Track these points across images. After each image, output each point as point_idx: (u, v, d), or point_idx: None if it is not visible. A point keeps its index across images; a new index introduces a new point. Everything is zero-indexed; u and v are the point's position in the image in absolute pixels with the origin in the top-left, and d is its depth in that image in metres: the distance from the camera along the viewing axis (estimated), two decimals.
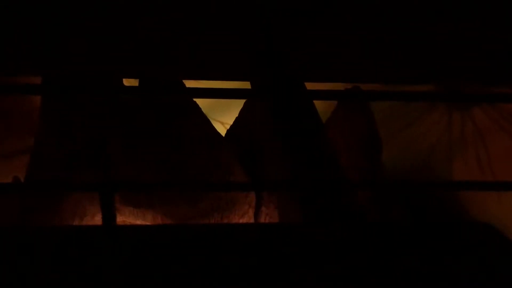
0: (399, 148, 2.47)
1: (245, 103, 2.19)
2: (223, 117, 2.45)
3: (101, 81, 1.96)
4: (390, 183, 2.21)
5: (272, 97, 1.87)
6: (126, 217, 1.98)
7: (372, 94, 2.16)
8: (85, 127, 2.03)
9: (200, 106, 2.14)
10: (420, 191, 2.27)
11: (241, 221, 2.03)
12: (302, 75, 1.98)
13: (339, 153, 2.12)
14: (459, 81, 2.21)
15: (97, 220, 1.96)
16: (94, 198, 1.91)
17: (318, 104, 2.15)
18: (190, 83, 2.09)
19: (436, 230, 1.83)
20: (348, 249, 1.47)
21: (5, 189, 1.87)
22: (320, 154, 1.91)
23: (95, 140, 2.02)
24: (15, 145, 2.41)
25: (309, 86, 2.08)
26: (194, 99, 2.11)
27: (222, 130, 2.31)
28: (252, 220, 2.06)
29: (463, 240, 1.79)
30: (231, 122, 2.32)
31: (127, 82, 2.23)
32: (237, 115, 2.24)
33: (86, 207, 1.93)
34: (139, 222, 1.96)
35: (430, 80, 2.23)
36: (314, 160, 1.88)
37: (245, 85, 2.14)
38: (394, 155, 2.43)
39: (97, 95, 1.99)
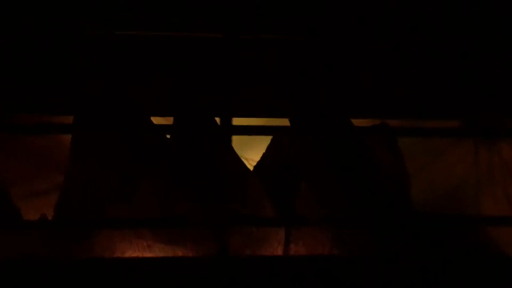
0: (427, 182, 2.47)
1: (272, 140, 2.20)
2: (246, 153, 2.46)
3: (133, 118, 2.00)
4: (418, 216, 2.20)
5: (320, 132, 1.91)
6: (156, 254, 1.99)
7: (400, 130, 2.17)
8: (117, 163, 2.09)
9: None
10: (449, 225, 2.25)
11: None
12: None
13: None
14: (485, 115, 2.22)
15: (127, 256, 1.98)
16: (126, 235, 1.93)
17: None
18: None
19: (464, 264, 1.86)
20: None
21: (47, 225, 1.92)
22: (379, 188, 1.97)
23: (127, 176, 2.07)
24: (43, 184, 2.45)
25: None
26: None
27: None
28: None
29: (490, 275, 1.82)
30: (254, 158, 2.37)
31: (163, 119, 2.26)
32: (261, 152, 2.26)
33: (117, 244, 1.96)
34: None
35: (456, 116, 2.24)
36: (376, 193, 1.95)
37: (272, 121, 2.18)
38: (422, 189, 2.43)
39: (128, 133, 2.03)
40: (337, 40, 1.99)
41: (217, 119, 2.02)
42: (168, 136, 2.09)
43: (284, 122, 2.10)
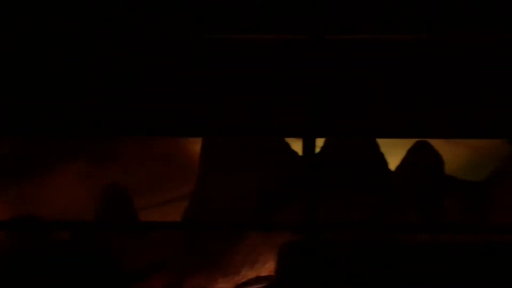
0: None
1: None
2: None
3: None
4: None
5: None
6: None
7: None
8: (248, 171, 2.09)
9: None
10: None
11: None
12: None
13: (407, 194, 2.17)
14: None
15: (268, 267, 2.00)
16: (271, 246, 1.96)
17: None
18: None
19: None
20: None
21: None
22: None
23: (261, 184, 2.07)
24: (165, 194, 2.45)
25: None
26: None
27: None
28: None
29: None
30: None
31: None
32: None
33: (260, 254, 2.00)
34: None
35: None
36: None
37: None
38: None
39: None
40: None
41: None
42: None
43: None
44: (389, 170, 2.08)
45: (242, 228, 2.03)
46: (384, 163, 2.07)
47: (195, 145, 2.44)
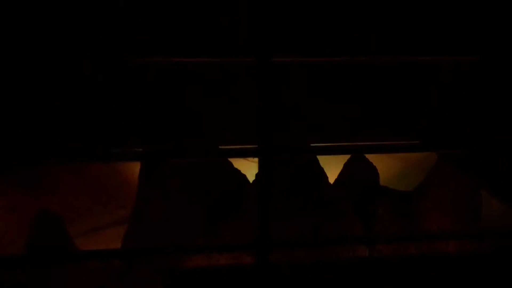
0: None
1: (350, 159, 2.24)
2: None
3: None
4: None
5: None
6: None
7: None
8: (189, 190, 2.06)
9: None
10: None
11: None
12: None
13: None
14: None
15: None
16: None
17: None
18: None
19: None
20: None
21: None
22: None
23: (203, 202, 2.06)
24: (102, 219, 2.41)
25: None
26: None
27: None
28: None
29: None
30: None
31: None
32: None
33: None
34: None
35: None
36: None
37: None
38: None
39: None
40: None
41: None
42: None
43: None
44: (328, 183, 2.12)
45: (187, 252, 2.01)
46: (324, 177, 2.11)
47: (129, 168, 2.42)
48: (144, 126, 1.91)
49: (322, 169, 2.09)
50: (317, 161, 2.09)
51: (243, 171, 2.15)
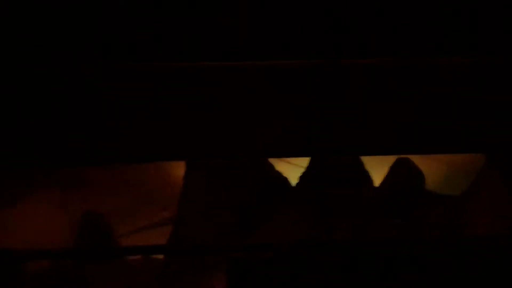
0: None
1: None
2: None
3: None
4: None
5: None
6: None
7: None
8: (231, 194, 2.09)
9: None
10: None
11: None
12: None
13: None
14: None
15: None
16: None
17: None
18: None
19: None
20: None
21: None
22: None
23: (242, 207, 2.08)
24: (146, 219, 2.39)
25: None
26: None
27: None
28: None
29: None
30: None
31: None
32: None
33: None
34: None
35: None
36: None
37: None
38: None
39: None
40: None
41: None
42: None
43: None
44: (373, 187, 2.11)
45: (226, 250, 2.01)
46: (369, 180, 2.10)
47: (174, 168, 2.43)
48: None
49: (366, 172, 2.08)
50: (362, 163, 2.08)
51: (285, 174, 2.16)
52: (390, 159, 2.19)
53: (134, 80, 1.82)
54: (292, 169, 2.21)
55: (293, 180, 2.16)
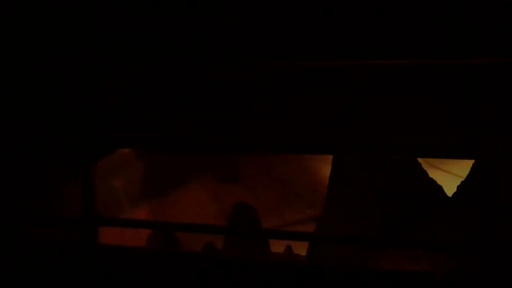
0: None
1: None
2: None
3: None
4: None
5: None
6: None
7: None
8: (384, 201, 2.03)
9: None
10: None
11: None
12: None
13: None
14: None
15: None
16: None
17: None
18: None
19: None
20: None
21: None
22: None
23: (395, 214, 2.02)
24: (296, 215, 2.52)
25: None
26: None
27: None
28: None
29: None
30: None
31: None
32: None
33: None
34: None
35: None
36: None
37: None
38: None
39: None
40: None
41: None
42: None
43: None
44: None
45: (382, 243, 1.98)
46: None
47: (317, 168, 2.51)
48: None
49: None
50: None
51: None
52: None
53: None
54: (445, 177, 2.23)
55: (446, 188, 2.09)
